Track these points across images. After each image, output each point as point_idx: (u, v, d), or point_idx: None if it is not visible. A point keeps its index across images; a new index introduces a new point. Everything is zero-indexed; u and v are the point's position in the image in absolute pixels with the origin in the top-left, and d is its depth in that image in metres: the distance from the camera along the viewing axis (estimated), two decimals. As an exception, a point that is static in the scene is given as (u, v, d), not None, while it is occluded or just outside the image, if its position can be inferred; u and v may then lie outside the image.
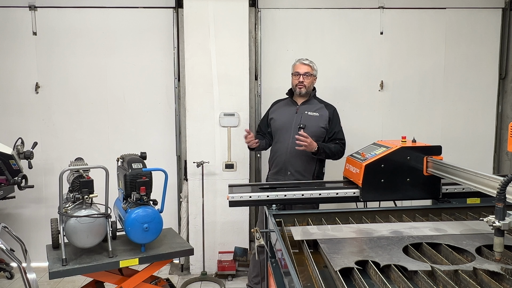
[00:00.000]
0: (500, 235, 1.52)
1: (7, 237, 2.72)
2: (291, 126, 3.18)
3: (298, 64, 3.26)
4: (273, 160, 3.27)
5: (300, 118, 3.18)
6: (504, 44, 4.14)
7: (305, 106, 3.24)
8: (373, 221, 2.20)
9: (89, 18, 3.98)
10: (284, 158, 3.17)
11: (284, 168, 3.18)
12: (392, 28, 4.08)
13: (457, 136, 4.21)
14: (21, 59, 3.97)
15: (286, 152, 3.17)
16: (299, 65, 3.25)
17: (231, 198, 2.42)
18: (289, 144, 3.15)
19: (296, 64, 3.28)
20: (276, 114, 3.31)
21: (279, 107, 3.36)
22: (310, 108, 3.24)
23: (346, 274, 1.50)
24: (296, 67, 3.26)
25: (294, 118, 3.20)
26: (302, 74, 3.20)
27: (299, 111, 3.22)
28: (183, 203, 3.98)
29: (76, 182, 2.62)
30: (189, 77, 3.83)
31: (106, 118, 4.09)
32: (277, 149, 3.24)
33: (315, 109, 3.23)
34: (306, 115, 3.19)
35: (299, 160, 3.14)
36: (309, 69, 3.23)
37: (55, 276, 2.35)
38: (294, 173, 3.16)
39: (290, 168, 3.17)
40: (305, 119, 3.16)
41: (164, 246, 2.69)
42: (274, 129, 3.30)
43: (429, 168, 2.35)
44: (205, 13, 3.76)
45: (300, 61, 3.27)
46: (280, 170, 3.21)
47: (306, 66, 3.23)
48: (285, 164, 3.18)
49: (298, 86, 3.21)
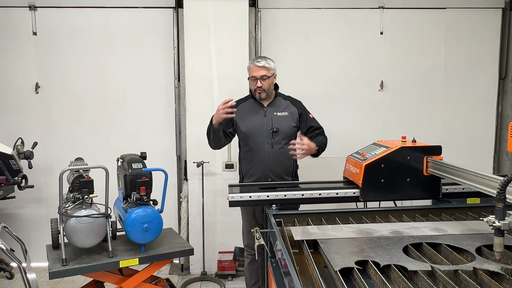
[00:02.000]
0: (500, 235, 1.52)
1: (7, 237, 2.71)
2: (263, 131, 2.96)
3: (253, 67, 2.94)
4: (249, 168, 3.01)
5: (271, 121, 2.96)
6: (504, 44, 4.15)
7: (272, 108, 3.02)
8: (373, 221, 2.20)
9: (89, 18, 3.98)
10: (263, 165, 2.95)
11: (265, 175, 2.95)
12: (392, 28, 4.08)
13: (457, 136, 4.21)
14: (21, 59, 3.98)
15: (264, 159, 2.95)
16: (254, 68, 2.93)
17: (231, 198, 2.42)
18: (266, 150, 2.95)
19: (251, 67, 2.96)
20: (242, 119, 3.02)
21: (243, 111, 3.03)
22: (278, 108, 3.02)
23: (346, 274, 1.50)
24: (251, 70, 2.95)
25: (265, 122, 2.97)
26: (258, 78, 2.91)
27: (268, 114, 2.99)
28: (183, 203, 3.98)
29: (76, 182, 2.62)
30: (189, 77, 3.83)
31: (106, 118, 4.09)
32: (252, 157, 2.99)
33: (283, 108, 3.03)
34: (276, 117, 2.98)
35: (279, 164, 2.97)
36: (266, 71, 2.91)
37: (55, 276, 2.36)
38: (275, 179, 2.96)
39: (271, 174, 2.96)
40: (276, 122, 2.96)
41: (164, 246, 2.69)
42: (243, 136, 3.04)
43: (429, 168, 2.34)
44: (205, 13, 3.76)
45: (254, 63, 2.94)
46: (260, 178, 2.96)
47: (261, 68, 2.91)
48: (265, 171, 2.95)
49: (257, 91, 2.94)
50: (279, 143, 2.97)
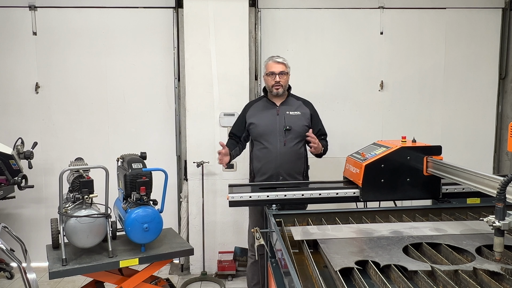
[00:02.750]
0: (500, 235, 1.52)
1: (7, 237, 2.71)
2: (276, 130, 3.02)
3: (272, 63, 3.04)
4: (261, 167, 3.05)
5: (284, 119, 3.03)
6: (504, 44, 4.15)
7: (285, 107, 3.08)
8: (373, 221, 2.20)
9: (89, 18, 3.98)
10: (275, 163, 3.00)
11: (276, 174, 3.01)
12: (392, 28, 4.08)
13: (457, 136, 4.21)
14: (21, 59, 3.98)
15: (276, 158, 3.00)
16: (273, 64, 3.04)
17: (231, 198, 2.42)
18: (278, 148, 3.00)
19: (269, 63, 3.06)
20: (256, 119, 3.09)
21: (257, 111, 3.13)
22: (290, 107, 3.09)
23: (346, 274, 1.50)
24: (269, 66, 3.05)
25: (277, 121, 3.03)
26: (277, 73, 3.00)
27: (280, 112, 3.05)
28: (183, 203, 3.98)
29: (76, 182, 2.62)
30: (189, 77, 3.83)
31: (106, 118, 4.09)
32: (264, 155, 3.03)
33: (295, 108, 3.09)
34: (289, 116, 3.04)
35: (290, 163, 3.01)
36: (284, 67, 3.03)
37: (55, 276, 2.36)
38: (286, 177, 3.01)
39: (282, 173, 3.01)
40: (288, 120, 3.02)
41: (164, 246, 2.69)
42: (256, 134, 3.09)
43: (429, 168, 2.34)
44: (205, 13, 3.76)
45: (273, 59, 3.05)
46: (271, 176, 3.02)
47: (280, 64, 3.02)
48: (277, 169, 3.00)
49: (275, 87, 3.02)
50: (292, 142, 3.02)
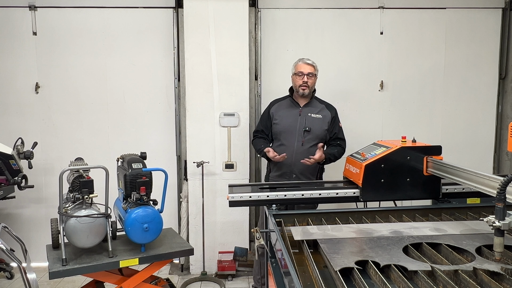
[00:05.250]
0: (500, 235, 1.52)
1: (7, 237, 2.71)
2: (296, 129, 3.16)
3: (301, 64, 3.20)
4: (276, 162, 3.19)
5: (305, 121, 3.16)
6: (504, 44, 4.14)
7: (308, 108, 3.22)
8: (373, 221, 2.20)
9: (89, 18, 3.98)
10: (290, 161, 3.14)
11: (289, 171, 3.17)
12: (392, 28, 4.08)
13: (457, 136, 4.21)
14: (21, 59, 3.97)
15: (291, 156, 3.14)
16: (303, 65, 3.19)
17: (231, 198, 2.42)
18: (295, 147, 3.14)
19: (299, 64, 3.21)
20: (278, 117, 3.26)
21: (280, 109, 3.29)
22: (313, 110, 3.22)
23: (346, 274, 1.50)
24: (299, 66, 3.20)
25: (298, 121, 3.18)
26: (306, 74, 3.15)
27: (302, 113, 3.20)
28: (183, 203, 3.98)
29: (76, 182, 2.62)
30: (189, 77, 3.82)
31: (106, 118, 4.09)
32: (281, 152, 3.13)
33: (318, 111, 3.23)
34: (310, 118, 3.18)
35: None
36: (313, 69, 3.18)
37: (55, 276, 2.36)
38: (299, 176, 3.16)
39: (296, 171, 3.16)
40: (309, 122, 3.16)
41: (164, 246, 2.69)
42: (276, 131, 3.25)
43: (429, 168, 2.35)
44: (205, 13, 3.76)
45: (303, 61, 3.21)
46: (285, 173, 3.18)
47: (309, 66, 3.17)
48: (290, 167, 3.16)
49: (301, 87, 3.16)
50: (309, 143, 3.14)
